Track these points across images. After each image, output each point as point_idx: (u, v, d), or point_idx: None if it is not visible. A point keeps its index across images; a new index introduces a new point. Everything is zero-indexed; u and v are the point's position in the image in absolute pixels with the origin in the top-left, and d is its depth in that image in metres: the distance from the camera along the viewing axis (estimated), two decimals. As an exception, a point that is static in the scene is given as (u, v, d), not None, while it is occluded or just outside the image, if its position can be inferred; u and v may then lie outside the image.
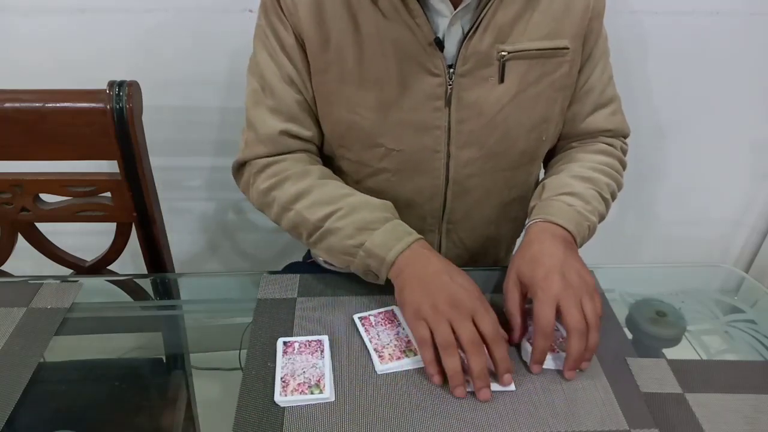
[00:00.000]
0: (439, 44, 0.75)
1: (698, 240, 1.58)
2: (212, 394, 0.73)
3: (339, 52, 0.77)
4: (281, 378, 0.66)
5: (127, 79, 0.88)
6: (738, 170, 1.48)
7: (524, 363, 0.69)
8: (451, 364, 0.63)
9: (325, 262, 0.80)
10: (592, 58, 0.85)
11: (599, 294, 0.71)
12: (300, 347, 0.70)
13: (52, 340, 0.71)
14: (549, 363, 0.69)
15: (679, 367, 0.70)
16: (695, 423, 0.63)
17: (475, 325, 0.65)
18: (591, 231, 0.80)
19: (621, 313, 0.78)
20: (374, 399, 0.64)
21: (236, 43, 1.15)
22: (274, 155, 0.82)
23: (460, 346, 0.64)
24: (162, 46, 1.15)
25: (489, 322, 0.65)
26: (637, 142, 1.39)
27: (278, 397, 0.63)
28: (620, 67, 0.91)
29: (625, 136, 0.93)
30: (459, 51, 0.76)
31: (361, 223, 0.74)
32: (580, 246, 0.78)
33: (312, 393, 0.64)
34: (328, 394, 0.64)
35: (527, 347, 0.69)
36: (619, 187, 0.89)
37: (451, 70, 0.77)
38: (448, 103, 0.79)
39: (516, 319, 0.71)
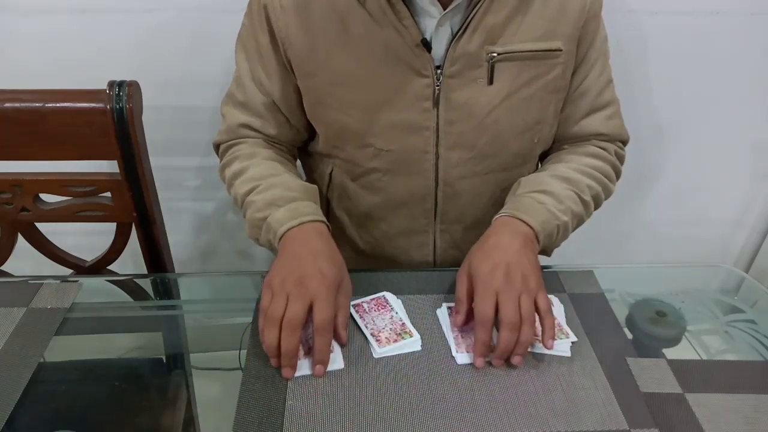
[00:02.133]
0: (427, 45, 0.75)
1: (698, 240, 1.58)
2: (212, 394, 0.73)
3: (328, 55, 0.77)
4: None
5: (127, 79, 0.88)
6: (738, 170, 1.48)
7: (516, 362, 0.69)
8: (266, 336, 0.66)
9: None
10: (587, 59, 0.83)
11: (545, 294, 0.70)
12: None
13: (52, 340, 0.71)
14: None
15: (679, 367, 0.70)
16: (695, 423, 0.63)
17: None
18: (561, 231, 0.79)
19: (621, 313, 0.78)
20: (374, 400, 0.64)
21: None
22: (235, 139, 0.88)
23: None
24: (162, 46, 1.15)
25: (323, 310, 0.65)
26: (637, 142, 1.39)
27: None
28: (620, 67, 0.91)
29: (624, 142, 0.91)
30: (447, 52, 0.76)
31: (270, 199, 0.77)
32: (551, 246, 0.80)
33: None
34: (337, 353, 0.68)
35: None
36: (607, 193, 0.87)
37: (439, 71, 0.77)
38: (436, 103, 0.79)
39: (462, 305, 0.71)
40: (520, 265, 0.70)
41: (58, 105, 0.86)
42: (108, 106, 0.86)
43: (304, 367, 0.67)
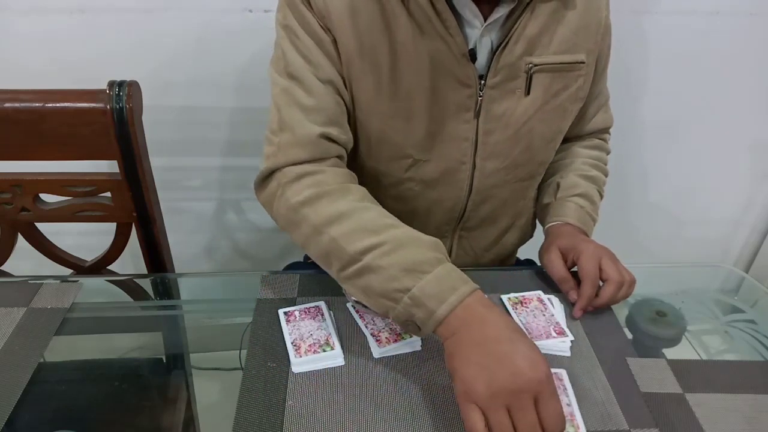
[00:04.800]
0: (472, 56, 0.74)
1: (698, 240, 1.58)
2: (212, 394, 0.73)
3: (374, 61, 0.74)
4: (292, 343, 0.69)
5: (127, 79, 0.88)
6: (738, 170, 1.49)
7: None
8: None
9: (357, 302, 0.74)
10: (604, 71, 0.90)
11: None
12: (301, 314, 0.73)
13: (52, 340, 0.71)
14: (545, 346, 0.71)
15: (679, 367, 0.70)
16: (695, 423, 0.63)
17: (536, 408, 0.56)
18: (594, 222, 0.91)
19: (621, 313, 0.78)
20: (374, 400, 0.64)
21: (236, 43, 1.15)
22: (314, 161, 0.73)
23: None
24: (162, 46, 1.15)
25: (554, 409, 0.55)
26: (638, 143, 1.40)
27: (294, 359, 0.67)
28: (620, 68, 0.92)
29: (610, 127, 1.00)
30: (489, 63, 0.76)
31: (409, 264, 0.63)
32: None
33: (324, 351, 0.68)
34: (338, 350, 0.68)
35: None
36: (606, 176, 0.97)
37: (482, 82, 0.77)
38: (477, 114, 0.78)
39: (571, 282, 0.79)
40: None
41: (58, 105, 0.86)
42: (108, 106, 0.85)
43: (304, 365, 0.67)
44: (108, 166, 0.91)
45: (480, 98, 0.77)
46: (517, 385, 0.55)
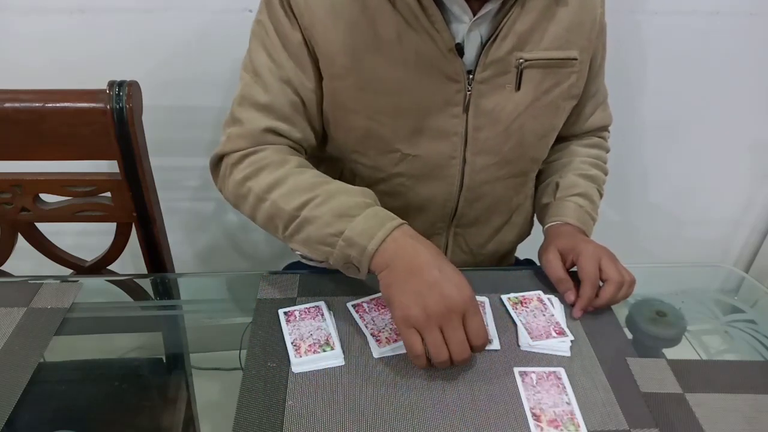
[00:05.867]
0: (459, 50, 0.74)
1: (698, 240, 1.58)
2: (212, 394, 0.73)
3: (358, 59, 0.75)
4: (292, 343, 0.69)
5: (127, 79, 0.88)
6: (738, 170, 1.49)
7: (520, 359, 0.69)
8: (441, 368, 0.66)
9: (303, 256, 0.78)
10: (599, 67, 0.89)
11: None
12: (301, 314, 0.73)
13: (52, 340, 0.71)
14: (545, 346, 0.71)
15: (679, 367, 0.70)
16: (695, 423, 0.63)
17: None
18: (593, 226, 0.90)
19: (621, 313, 0.78)
20: (374, 400, 0.64)
21: (236, 43, 1.14)
22: (257, 149, 0.78)
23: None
24: (162, 46, 1.15)
25: (478, 325, 0.64)
26: (638, 143, 1.40)
27: (294, 359, 0.67)
28: (620, 68, 0.92)
29: (609, 125, 1.00)
30: (478, 57, 0.76)
31: (341, 210, 0.69)
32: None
33: (324, 351, 0.68)
34: (338, 350, 0.68)
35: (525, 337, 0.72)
36: (606, 175, 0.97)
37: (470, 77, 0.77)
38: (465, 109, 0.78)
39: (568, 283, 0.78)
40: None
41: (58, 105, 0.86)
42: (108, 106, 0.86)
43: (304, 365, 0.67)
44: (108, 166, 0.91)
45: (468, 93, 0.77)
46: (448, 307, 0.62)
